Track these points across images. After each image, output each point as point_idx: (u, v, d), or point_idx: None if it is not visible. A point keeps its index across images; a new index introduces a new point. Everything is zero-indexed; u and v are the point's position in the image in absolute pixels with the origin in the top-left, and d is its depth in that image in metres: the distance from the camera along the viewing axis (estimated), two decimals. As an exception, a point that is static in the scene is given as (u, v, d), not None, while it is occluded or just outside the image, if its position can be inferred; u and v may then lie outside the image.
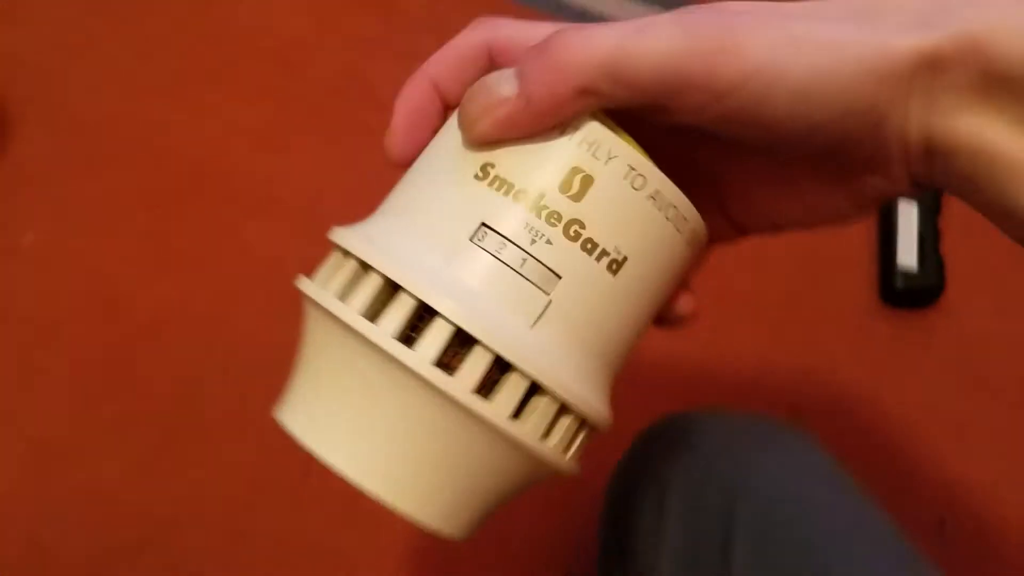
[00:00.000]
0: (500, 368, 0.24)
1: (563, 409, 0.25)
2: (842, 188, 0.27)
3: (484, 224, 0.25)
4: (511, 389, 0.24)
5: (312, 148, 0.64)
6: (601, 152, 0.25)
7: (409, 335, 0.24)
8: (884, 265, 0.65)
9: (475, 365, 0.24)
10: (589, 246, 0.25)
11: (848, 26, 0.22)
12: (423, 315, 0.24)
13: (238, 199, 0.61)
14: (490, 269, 0.24)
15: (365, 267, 0.25)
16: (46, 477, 0.52)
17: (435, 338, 0.24)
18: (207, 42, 0.64)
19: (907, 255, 0.65)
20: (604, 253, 0.25)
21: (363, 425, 0.25)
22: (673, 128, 0.25)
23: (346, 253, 0.26)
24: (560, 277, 0.25)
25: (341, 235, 0.26)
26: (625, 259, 0.25)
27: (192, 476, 0.54)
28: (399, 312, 0.24)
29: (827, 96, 0.22)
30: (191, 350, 0.57)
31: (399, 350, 0.23)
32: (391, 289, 0.24)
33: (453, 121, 0.26)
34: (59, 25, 0.64)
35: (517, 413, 0.25)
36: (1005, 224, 0.23)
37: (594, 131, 0.25)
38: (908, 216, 0.66)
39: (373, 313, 0.24)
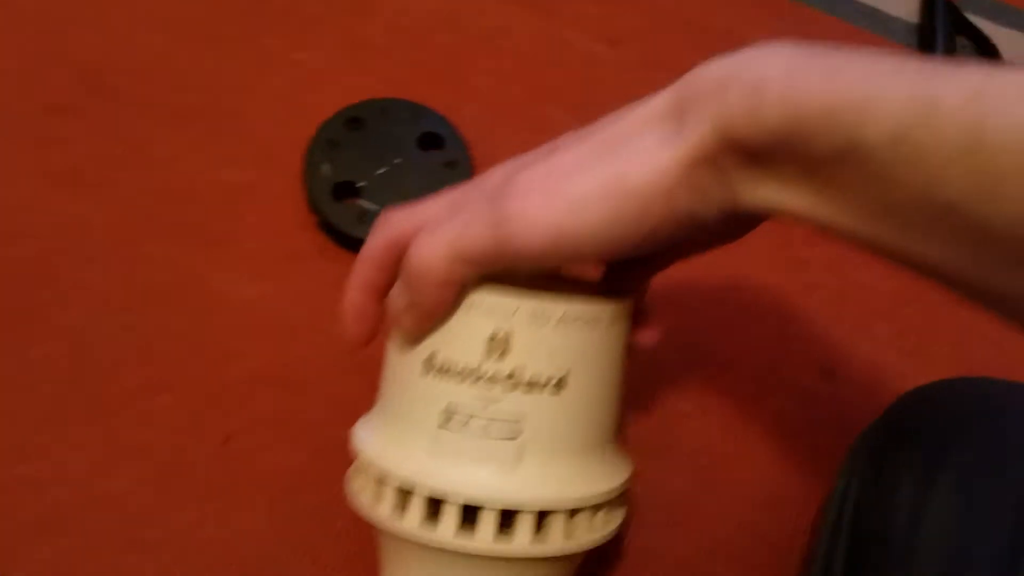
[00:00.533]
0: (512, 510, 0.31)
1: (574, 510, 0.32)
2: (702, 242, 0.34)
3: (446, 410, 0.31)
4: (524, 524, 0.31)
5: (232, 43, 0.50)
6: (505, 311, 0.30)
7: (433, 513, 0.31)
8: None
9: (487, 522, 0.31)
10: (530, 383, 0.31)
11: (611, 166, 0.27)
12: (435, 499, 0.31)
13: (149, 105, 0.48)
14: (465, 442, 0.31)
15: (383, 477, 0.32)
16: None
17: (449, 517, 0.31)
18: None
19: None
20: (547, 381, 0.31)
21: None
22: None
23: (368, 464, 0.33)
24: (520, 420, 0.31)
25: (359, 447, 0.34)
26: (567, 373, 0.31)
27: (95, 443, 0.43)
28: (416, 507, 0.31)
29: (624, 230, 0.27)
30: (90, 281, 0.48)
31: (427, 536, 0.31)
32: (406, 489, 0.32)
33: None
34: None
35: (539, 529, 0.31)
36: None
37: (490, 299, 0.30)
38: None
39: (401, 507, 0.32)
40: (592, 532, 0.33)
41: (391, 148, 0.51)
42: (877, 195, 0.23)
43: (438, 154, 0.52)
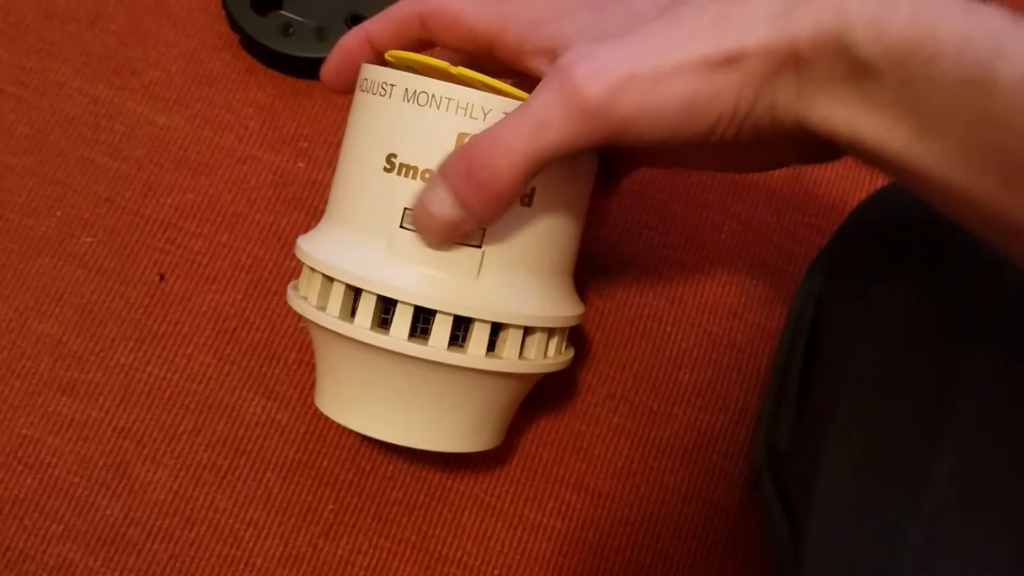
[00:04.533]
0: (467, 319, 0.30)
1: (528, 330, 0.31)
2: (738, 156, 0.30)
3: (407, 209, 0.29)
4: (478, 335, 0.30)
5: None
6: (477, 111, 0.28)
7: (385, 318, 0.30)
8: None
9: (441, 328, 0.29)
10: None
11: (697, 43, 0.24)
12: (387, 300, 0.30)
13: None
14: (425, 246, 0.29)
15: (330, 278, 0.30)
16: None
17: (402, 320, 0.29)
18: None
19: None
20: None
21: (383, 398, 0.31)
22: None
23: (312, 268, 0.31)
24: (484, 229, 0.29)
25: (304, 252, 0.31)
26: (533, 189, 0.29)
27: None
28: (367, 308, 0.30)
29: (693, 112, 0.25)
30: None
31: (377, 339, 0.29)
32: (355, 289, 0.30)
33: (357, 110, 0.31)
34: None
35: (492, 347, 0.31)
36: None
37: (466, 97, 0.29)
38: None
39: (350, 309, 0.30)
40: (544, 357, 0.32)
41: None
42: (990, 138, 0.21)
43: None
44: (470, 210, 0.27)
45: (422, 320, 0.30)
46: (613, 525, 0.39)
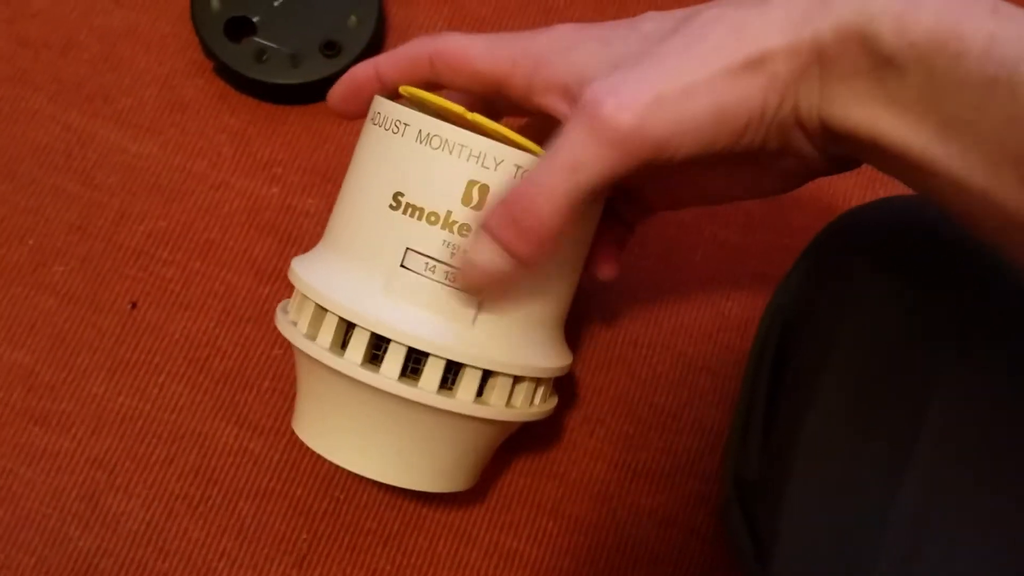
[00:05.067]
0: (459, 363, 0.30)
1: (517, 378, 0.31)
2: (760, 173, 0.30)
3: (409, 249, 0.29)
4: (468, 381, 0.30)
5: None
6: (489, 161, 0.29)
7: (375, 353, 0.30)
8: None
9: (432, 371, 0.29)
10: None
11: (719, 52, 0.25)
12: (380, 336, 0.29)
13: None
14: (424, 288, 0.29)
15: (323, 308, 0.30)
16: None
17: (394, 359, 0.29)
18: None
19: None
20: None
21: (366, 433, 0.31)
22: None
23: (305, 296, 0.31)
24: None
25: (299, 278, 0.31)
26: None
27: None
28: (359, 344, 0.29)
29: (722, 121, 0.25)
30: None
31: (367, 376, 0.29)
32: (348, 322, 0.30)
33: (368, 143, 0.31)
34: None
35: (480, 392, 0.31)
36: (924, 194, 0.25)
37: (479, 145, 0.29)
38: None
39: (341, 341, 0.30)
40: (529, 406, 0.32)
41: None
42: (1014, 139, 0.21)
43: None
44: (519, 257, 0.27)
45: (413, 360, 0.30)
46: (589, 551, 0.38)
